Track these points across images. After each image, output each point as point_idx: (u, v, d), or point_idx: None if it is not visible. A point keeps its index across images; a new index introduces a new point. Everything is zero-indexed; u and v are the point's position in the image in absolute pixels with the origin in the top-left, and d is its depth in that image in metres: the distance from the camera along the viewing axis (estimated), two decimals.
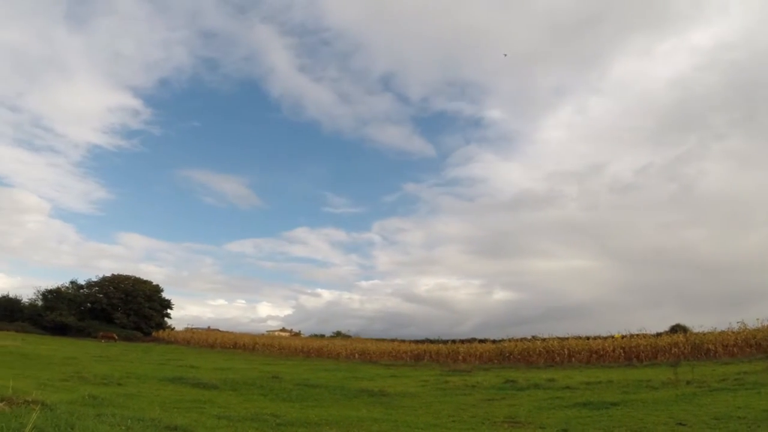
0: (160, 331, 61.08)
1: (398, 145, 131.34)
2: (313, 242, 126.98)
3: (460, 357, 34.76)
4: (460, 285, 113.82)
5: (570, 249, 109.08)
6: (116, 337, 49.98)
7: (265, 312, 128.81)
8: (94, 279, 61.41)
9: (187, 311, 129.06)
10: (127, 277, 62.26)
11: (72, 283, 59.87)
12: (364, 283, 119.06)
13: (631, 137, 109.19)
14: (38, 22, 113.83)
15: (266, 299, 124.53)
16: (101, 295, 59.66)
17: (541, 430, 8.78)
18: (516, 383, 17.04)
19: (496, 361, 32.72)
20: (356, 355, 40.71)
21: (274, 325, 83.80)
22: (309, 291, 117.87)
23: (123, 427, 6.66)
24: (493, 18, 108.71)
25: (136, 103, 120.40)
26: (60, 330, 50.96)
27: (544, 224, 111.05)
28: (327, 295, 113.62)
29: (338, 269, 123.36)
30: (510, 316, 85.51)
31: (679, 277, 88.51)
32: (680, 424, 8.47)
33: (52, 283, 58.85)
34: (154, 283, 63.87)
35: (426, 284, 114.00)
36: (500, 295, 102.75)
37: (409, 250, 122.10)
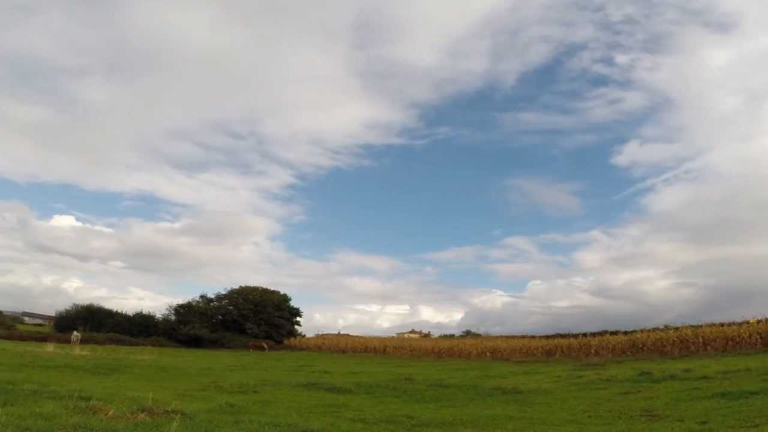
0: (291, 339, 65.80)
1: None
2: (520, 245, 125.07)
3: (593, 350, 35.93)
4: (658, 276, 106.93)
5: None
6: (265, 347, 55.64)
7: (437, 317, 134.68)
8: (223, 292, 67.56)
9: (346, 320, 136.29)
10: (255, 288, 67.22)
11: (202, 297, 66.09)
12: (558, 282, 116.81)
13: None
14: (319, 39, 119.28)
15: (448, 304, 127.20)
16: (231, 307, 65.18)
17: (680, 422, 8.90)
18: (651, 375, 16.98)
19: (629, 353, 33.29)
20: (487, 354, 42.22)
21: (448, 330, 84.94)
22: (493, 293, 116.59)
23: None
24: None
25: (404, 117, 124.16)
26: (193, 342, 56.08)
27: None
28: (508, 296, 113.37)
29: (534, 269, 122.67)
30: (707, 305, 78.21)
31: None
32: None
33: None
34: (282, 293, 68.68)
35: (623, 278, 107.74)
36: (703, 282, 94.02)
37: (621, 246, 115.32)
